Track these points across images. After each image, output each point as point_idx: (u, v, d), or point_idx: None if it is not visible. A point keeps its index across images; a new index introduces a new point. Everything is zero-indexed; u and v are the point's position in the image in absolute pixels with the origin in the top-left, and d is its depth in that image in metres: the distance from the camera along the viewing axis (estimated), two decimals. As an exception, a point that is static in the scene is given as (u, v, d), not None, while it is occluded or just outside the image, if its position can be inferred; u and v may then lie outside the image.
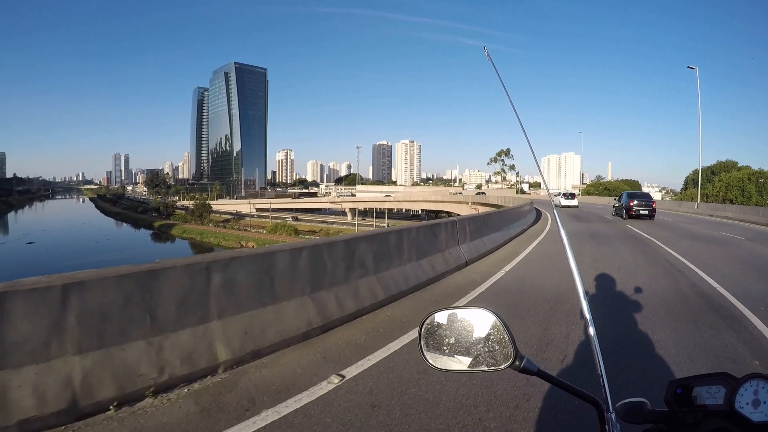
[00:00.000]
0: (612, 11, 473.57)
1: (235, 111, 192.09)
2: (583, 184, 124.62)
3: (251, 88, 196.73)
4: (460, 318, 0.88)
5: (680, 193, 57.55)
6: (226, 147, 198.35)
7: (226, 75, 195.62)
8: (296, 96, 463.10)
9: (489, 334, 0.85)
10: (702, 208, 29.87)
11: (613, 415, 0.81)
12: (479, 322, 0.87)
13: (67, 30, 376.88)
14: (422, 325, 0.90)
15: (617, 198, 24.94)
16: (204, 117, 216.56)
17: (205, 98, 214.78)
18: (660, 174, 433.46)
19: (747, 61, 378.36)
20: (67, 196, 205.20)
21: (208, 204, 74.19)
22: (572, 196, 34.24)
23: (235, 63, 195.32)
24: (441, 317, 0.89)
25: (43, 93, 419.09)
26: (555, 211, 1.33)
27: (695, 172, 64.74)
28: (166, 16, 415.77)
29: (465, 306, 0.90)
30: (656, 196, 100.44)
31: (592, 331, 0.87)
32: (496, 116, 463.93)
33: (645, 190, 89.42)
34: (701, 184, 54.95)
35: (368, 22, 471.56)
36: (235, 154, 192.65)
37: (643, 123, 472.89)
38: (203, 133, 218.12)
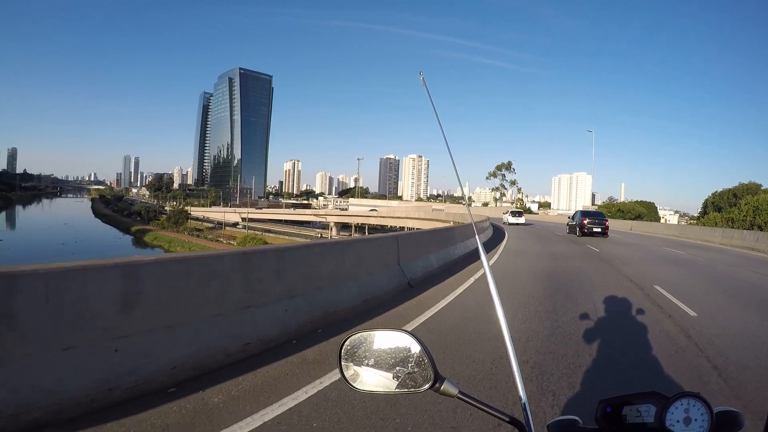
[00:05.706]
0: (631, 30, 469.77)
1: (237, 117, 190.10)
2: (594, 205, 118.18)
3: (255, 95, 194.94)
4: (379, 340, 0.86)
5: (700, 218, 51.31)
6: (227, 153, 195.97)
7: (230, 80, 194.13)
8: (306, 106, 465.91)
9: (408, 356, 0.84)
10: None
11: None
12: (398, 344, 0.85)
13: (82, 31, 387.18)
14: (341, 346, 0.88)
15: (571, 217, 25.42)
16: (208, 122, 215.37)
17: (210, 103, 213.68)
18: (675, 197, 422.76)
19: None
20: (77, 195, 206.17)
21: (186, 211, 70.28)
22: (520, 214, 37.05)
23: (240, 69, 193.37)
24: (360, 339, 0.87)
25: (59, 92, 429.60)
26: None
27: (715, 194, 58.70)
28: (180, 19, 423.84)
29: (384, 328, 0.88)
30: (672, 219, 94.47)
31: (512, 356, 0.85)
32: (504, 132, 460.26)
33: (660, 213, 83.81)
34: (723, 207, 49.14)
35: (381, 37, 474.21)
36: (235, 162, 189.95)
37: (659, 146, 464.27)
38: (207, 138, 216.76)
